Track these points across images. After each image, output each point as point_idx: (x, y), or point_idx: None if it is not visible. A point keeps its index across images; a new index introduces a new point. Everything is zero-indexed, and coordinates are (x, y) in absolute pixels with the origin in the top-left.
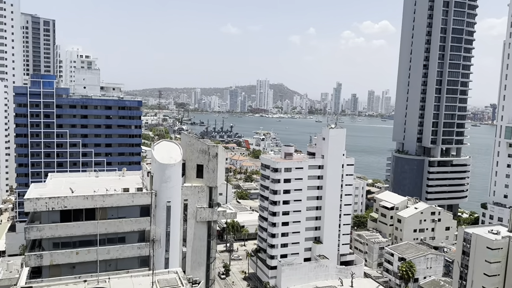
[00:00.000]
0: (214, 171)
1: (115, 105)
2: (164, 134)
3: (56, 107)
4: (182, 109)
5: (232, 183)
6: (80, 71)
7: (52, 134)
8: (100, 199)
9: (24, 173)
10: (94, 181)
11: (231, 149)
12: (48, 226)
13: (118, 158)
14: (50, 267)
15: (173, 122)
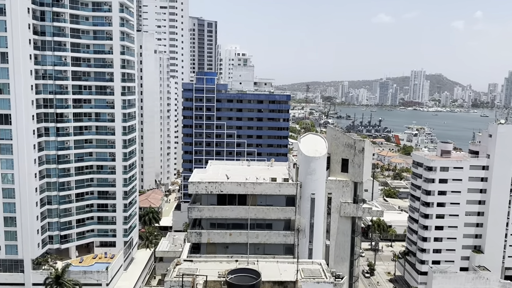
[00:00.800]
0: (360, 166)
1: (266, 99)
2: (310, 127)
3: (216, 101)
4: (329, 103)
5: (378, 179)
6: (237, 68)
7: (212, 126)
8: (251, 187)
9: (189, 160)
10: (246, 169)
11: (378, 144)
12: (207, 208)
13: (267, 149)
14: (207, 244)
15: (319, 116)
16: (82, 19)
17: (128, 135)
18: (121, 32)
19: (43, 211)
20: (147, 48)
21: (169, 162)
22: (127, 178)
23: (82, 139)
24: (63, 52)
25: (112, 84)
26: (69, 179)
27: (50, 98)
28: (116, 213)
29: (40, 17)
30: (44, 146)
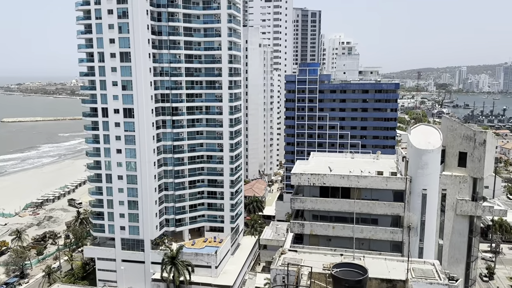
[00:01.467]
0: (480, 161)
1: (371, 89)
2: (421, 117)
3: (318, 92)
4: (443, 90)
5: (502, 175)
6: (341, 57)
7: (314, 117)
8: (355, 180)
9: (291, 151)
10: (349, 162)
11: (502, 136)
12: (309, 199)
13: (373, 141)
14: (310, 236)
15: (432, 105)
16: (194, 18)
17: (234, 127)
18: (229, 29)
19: (161, 196)
20: (252, 43)
21: (272, 153)
22: (233, 168)
23: (194, 130)
24: (177, 50)
25: (220, 78)
26: (183, 167)
27: (167, 93)
28: (224, 200)
29: (157, 18)
30: (162, 137)
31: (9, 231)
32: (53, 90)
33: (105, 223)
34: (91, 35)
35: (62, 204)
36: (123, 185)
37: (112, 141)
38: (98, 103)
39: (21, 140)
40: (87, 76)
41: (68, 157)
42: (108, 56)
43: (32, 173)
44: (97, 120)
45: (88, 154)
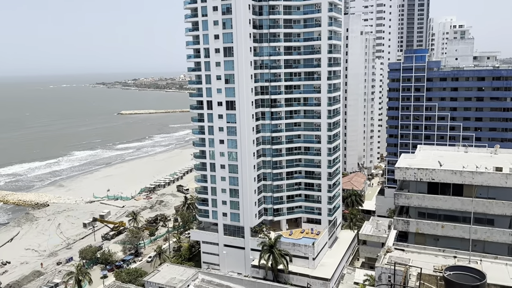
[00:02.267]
0: None
1: (488, 76)
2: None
3: (426, 80)
4: None
5: None
6: (452, 42)
7: (421, 108)
8: (469, 176)
9: (393, 143)
10: (462, 156)
11: None
12: (416, 196)
13: (489, 134)
14: (415, 234)
15: None
16: (294, 9)
17: (332, 118)
18: (329, 18)
19: (260, 186)
20: (353, 31)
21: (372, 146)
22: (331, 160)
23: (292, 122)
24: (277, 43)
25: (319, 69)
26: (281, 158)
27: (266, 86)
28: (321, 192)
29: (259, 12)
30: (261, 129)
31: (126, 212)
32: (164, 85)
33: (209, 209)
34: (197, 32)
35: (172, 189)
36: (225, 174)
37: (216, 132)
38: (204, 96)
39: (136, 130)
40: (194, 71)
41: (177, 146)
42: (213, 51)
43: (146, 161)
44: (203, 112)
45: (194, 144)
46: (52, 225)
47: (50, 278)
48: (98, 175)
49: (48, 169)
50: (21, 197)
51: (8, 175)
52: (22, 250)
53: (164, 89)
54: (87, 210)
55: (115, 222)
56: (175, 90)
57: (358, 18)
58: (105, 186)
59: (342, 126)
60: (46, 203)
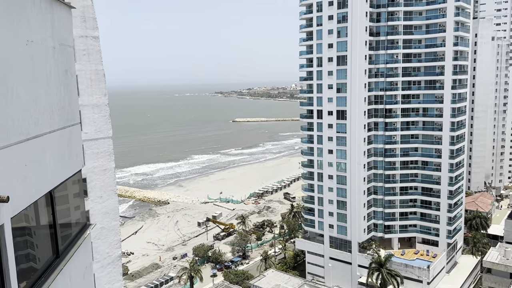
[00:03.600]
0: None
1: None
2: None
3: None
4: None
5: None
6: None
7: None
8: None
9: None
10: None
11: None
12: None
13: None
14: None
15: None
16: (416, 15)
17: (456, 131)
18: (455, 22)
19: (369, 200)
20: (483, 36)
21: (502, 163)
22: (453, 177)
23: (408, 134)
24: (395, 50)
25: (442, 78)
26: (394, 172)
27: (381, 95)
28: (440, 212)
29: (376, 19)
30: (373, 140)
31: (235, 215)
32: (275, 94)
33: (315, 219)
34: (311, 41)
35: (279, 196)
36: (333, 184)
37: (325, 141)
38: (314, 105)
39: (248, 137)
40: (306, 80)
41: (285, 154)
42: (326, 60)
43: (256, 167)
44: (312, 121)
45: (303, 152)
46: (171, 221)
47: (166, 271)
48: (212, 178)
49: (171, 170)
50: (146, 194)
51: (136, 174)
52: (144, 243)
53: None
54: (202, 210)
55: (226, 224)
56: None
57: (489, 23)
58: (218, 188)
59: (467, 140)
60: (167, 201)
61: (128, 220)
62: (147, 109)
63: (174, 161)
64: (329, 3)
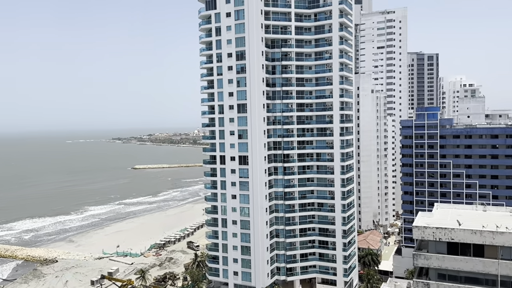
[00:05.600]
0: None
1: (502, 133)
2: None
3: (439, 137)
4: None
5: None
6: (463, 100)
7: (435, 165)
8: (490, 236)
9: (409, 201)
10: (481, 215)
11: None
12: (435, 256)
13: (507, 192)
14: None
15: None
16: (306, 69)
17: (346, 174)
18: (340, 77)
19: (272, 243)
20: (364, 89)
21: (387, 203)
22: (345, 217)
23: (305, 177)
24: (289, 100)
25: (331, 125)
26: (294, 214)
27: (279, 141)
28: (336, 251)
29: (272, 71)
30: (274, 184)
31: (134, 270)
32: (178, 140)
33: (220, 267)
34: (212, 90)
35: (182, 246)
36: (237, 230)
37: (228, 187)
38: (217, 151)
39: (149, 185)
40: (208, 126)
41: (189, 201)
42: (227, 108)
43: (157, 216)
44: (215, 167)
45: (206, 199)
46: (60, 282)
47: None
48: (108, 231)
49: (60, 225)
50: (30, 252)
51: (19, 231)
52: None
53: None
54: (96, 267)
55: (123, 280)
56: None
57: (368, 77)
58: (115, 241)
59: (356, 182)
60: (55, 259)
61: (8, 283)
62: (36, 158)
63: (64, 214)
64: (228, 55)
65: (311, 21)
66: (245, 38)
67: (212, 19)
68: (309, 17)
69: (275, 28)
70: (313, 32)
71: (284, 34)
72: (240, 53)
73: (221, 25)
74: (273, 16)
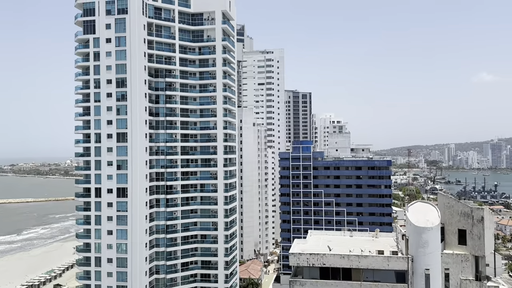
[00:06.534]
0: (480, 238)
1: (364, 166)
2: (415, 194)
3: (312, 169)
4: (434, 167)
5: (501, 253)
6: (332, 135)
7: (309, 194)
8: (356, 260)
9: (287, 229)
10: (348, 240)
11: (497, 212)
12: (309, 282)
13: (369, 218)
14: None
15: (424, 181)
16: (191, 100)
17: (229, 204)
18: (224, 109)
19: (151, 281)
20: (246, 122)
21: (267, 232)
22: (228, 248)
23: (188, 209)
24: (174, 130)
25: (215, 156)
26: (176, 248)
27: (162, 172)
28: (218, 283)
29: (155, 100)
30: (155, 217)
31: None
32: (46, 171)
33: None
34: (89, 117)
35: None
36: (113, 268)
37: (104, 222)
38: (92, 183)
39: (10, 222)
40: (83, 156)
41: (57, 239)
42: (105, 136)
43: (18, 257)
44: (90, 200)
45: (78, 236)
46: None
47: None
48: None
49: None
50: None
51: None
52: None
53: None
54: None
55: None
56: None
57: (250, 111)
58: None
59: (239, 213)
60: None
61: None
62: None
63: None
64: (107, 81)
65: (195, 54)
66: (127, 65)
67: (90, 43)
68: (193, 50)
69: (159, 58)
70: (197, 65)
71: (169, 64)
72: (121, 80)
73: (100, 51)
74: (157, 46)
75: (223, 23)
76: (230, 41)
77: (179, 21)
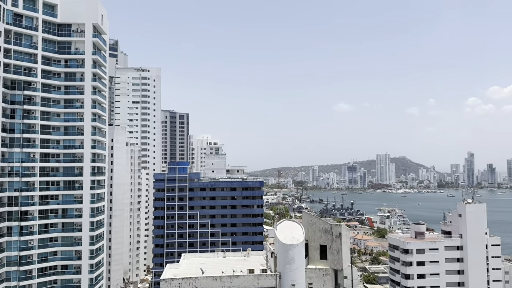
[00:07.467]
0: (339, 252)
1: (239, 186)
2: (284, 212)
3: (188, 190)
4: (301, 187)
5: (357, 265)
6: (209, 156)
7: (184, 216)
8: (228, 281)
9: (160, 254)
10: (222, 261)
11: (353, 228)
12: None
13: (243, 238)
14: None
15: (292, 201)
16: (54, 116)
17: (96, 230)
18: (92, 127)
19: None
20: (118, 141)
21: (138, 258)
22: (93, 278)
23: (47, 237)
24: (31, 149)
25: (81, 178)
26: (31, 282)
27: (15, 196)
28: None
29: (10, 115)
30: (6, 247)
31: None
32: None
33: None
34: None
35: None
36: None
37: None
38: None
39: None
40: None
41: None
42: None
43: None
44: None
45: None
46: None
47: None
48: None
49: None
50: None
51: None
52: None
53: None
54: None
55: None
56: None
57: (123, 130)
58: None
59: (107, 239)
60: None
61: None
62: None
63: None
64: None
65: (61, 67)
66: None
67: None
68: (59, 62)
69: (17, 69)
70: (63, 78)
71: (29, 76)
72: None
73: None
74: (16, 55)
75: (94, 36)
76: (101, 56)
77: (43, 30)
